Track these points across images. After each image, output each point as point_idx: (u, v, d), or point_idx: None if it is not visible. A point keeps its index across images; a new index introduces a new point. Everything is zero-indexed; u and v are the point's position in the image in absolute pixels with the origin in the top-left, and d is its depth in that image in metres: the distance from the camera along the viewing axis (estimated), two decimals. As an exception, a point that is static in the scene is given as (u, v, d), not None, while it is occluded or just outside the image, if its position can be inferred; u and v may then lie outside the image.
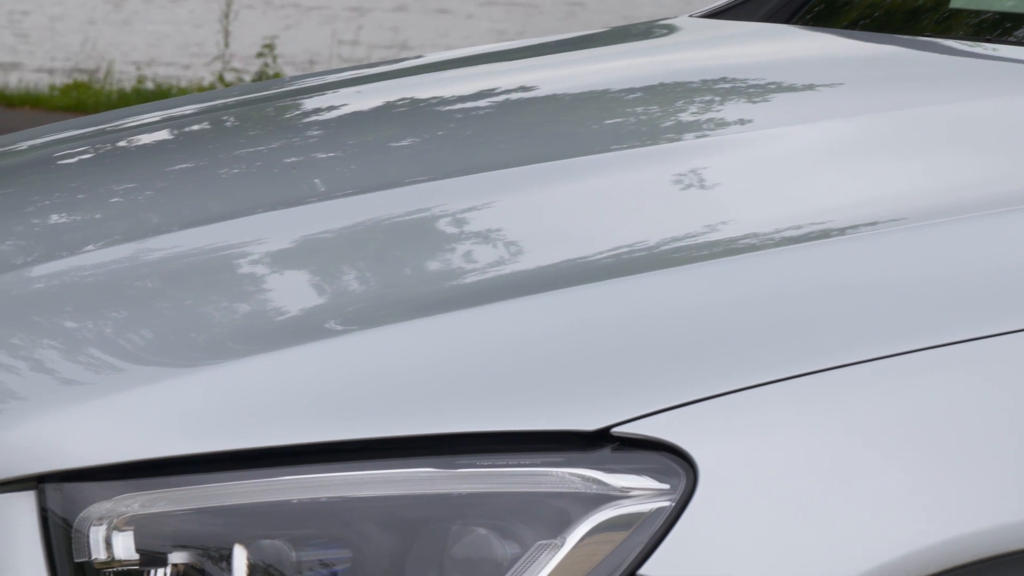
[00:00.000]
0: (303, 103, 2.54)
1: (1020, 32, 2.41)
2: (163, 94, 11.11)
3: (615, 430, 1.42)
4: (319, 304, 1.68)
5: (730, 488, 1.41)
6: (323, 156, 2.22)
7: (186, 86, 11.81)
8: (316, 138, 2.36)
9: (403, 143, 2.25)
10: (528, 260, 1.74)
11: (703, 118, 2.15)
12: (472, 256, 1.77)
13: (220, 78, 11.59)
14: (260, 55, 11.60)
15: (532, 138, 2.18)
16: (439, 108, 2.37)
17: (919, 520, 1.41)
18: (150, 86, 11.74)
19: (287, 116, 2.49)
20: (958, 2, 2.56)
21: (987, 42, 2.36)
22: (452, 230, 1.85)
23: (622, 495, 1.41)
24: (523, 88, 2.41)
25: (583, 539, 1.40)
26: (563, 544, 1.40)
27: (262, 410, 1.47)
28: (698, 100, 2.24)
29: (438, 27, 15.94)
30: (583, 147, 2.07)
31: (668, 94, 2.27)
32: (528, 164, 1.97)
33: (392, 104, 2.42)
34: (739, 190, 1.87)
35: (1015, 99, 2.02)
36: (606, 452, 1.42)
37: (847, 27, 2.53)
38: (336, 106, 2.50)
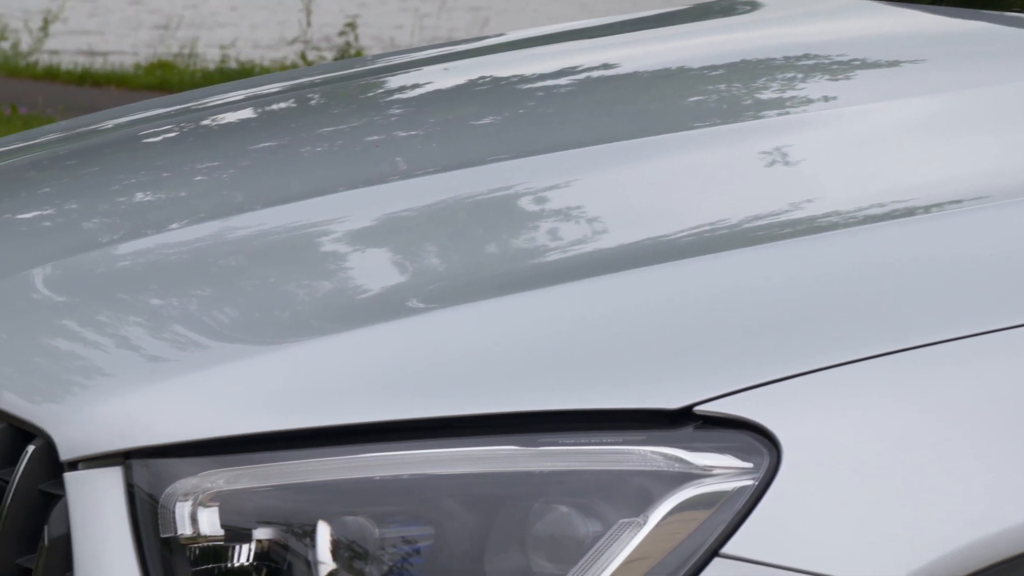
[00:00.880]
0: (385, 82, 2.55)
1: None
2: (246, 73, 11.17)
3: (698, 408, 1.42)
4: (401, 282, 1.68)
5: (813, 467, 1.40)
6: (405, 134, 2.23)
7: (269, 65, 11.87)
8: (398, 116, 2.36)
9: (485, 121, 2.25)
10: (610, 238, 1.73)
11: (786, 95, 2.14)
12: (554, 234, 1.77)
13: (302, 57, 11.64)
14: (342, 33, 11.64)
15: (614, 116, 2.18)
16: (521, 86, 2.37)
17: (1005, 500, 1.39)
18: (233, 65, 11.80)
19: (369, 95, 2.49)
20: (1046, -23, 2.53)
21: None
22: (534, 208, 1.85)
23: (705, 474, 1.41)
24: (605, 66, 2.40)
25: (666, 517, 1.40)
26: (645, 522, 1.40)
27: (345, 388, 1.48)
28: (781, 77, 2.22)
29: (519, 1, 15.93)
30: (665, 125, 2.06)
31: (751, 71, 2.26)
32: (610, 142, 1.96)
33: (474, 82, 2.42)
34: (822, 168, 1.85)
35: None
36: (689, 430, 1.42)
37: (933, 2, 2.50)
38: (418, 84, 2.51)
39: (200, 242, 1.82)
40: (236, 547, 1.44)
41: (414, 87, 2.50)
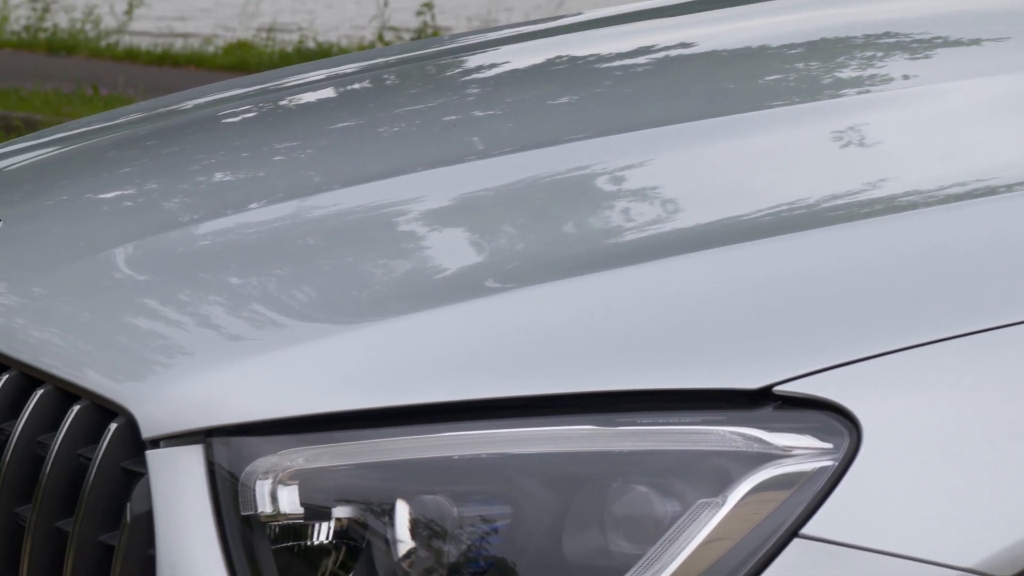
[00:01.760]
0: (462, 61, 2.55)
1: None
2: (324, 54, 11.21)
3: (777, 388, 1.41)
4: (478, 262, 1.68)
5: (894, 448, 1.39)
6: (482, 114, 2.23)
7: (346, 46, 11.91)
8: (475, 96, 2.37)
9: (562, 100, 2.24)
10: (687, 218, 1.73)
11: (865, 73, 2.12)
12: (631, 214, 1.76)
13: (380, 37, 11.66)
14: (419, 13, 11.65)
15: (691, 95, 2.17)
16: (598, 65, 2.37)
17: None
18: (311, 45, 11.85)
19: (446, 74, 2.50)
20: None
21: None
22: (610, 188, 1.84)
23: (784, 454, 1.40)
24: (682, 44, 2.39)
25: (744, 498, 1.39)
26: (724, 503, 1.39)
27: (423, 367, 1.48)
28: (860, 55, 2.21)
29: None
30: (742, 104, 2.05)
31: (829, 49, 2.24)
32: (687, 121, 1.96)
33: (551, 61, 2.42)
34: (902, 147, 1.84)
35: None
36: (768, 411, 1.41)
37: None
38: (495, 64, 2.51)
39: (279, 222, 1.83)
40: (315, 525, 1.45)
41: (491, 67, 2.50)
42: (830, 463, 1.39)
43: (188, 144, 2.22)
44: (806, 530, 1.38)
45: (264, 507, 1.45)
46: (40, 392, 1.60)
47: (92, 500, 1.51)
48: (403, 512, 1.43)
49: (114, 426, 1.52)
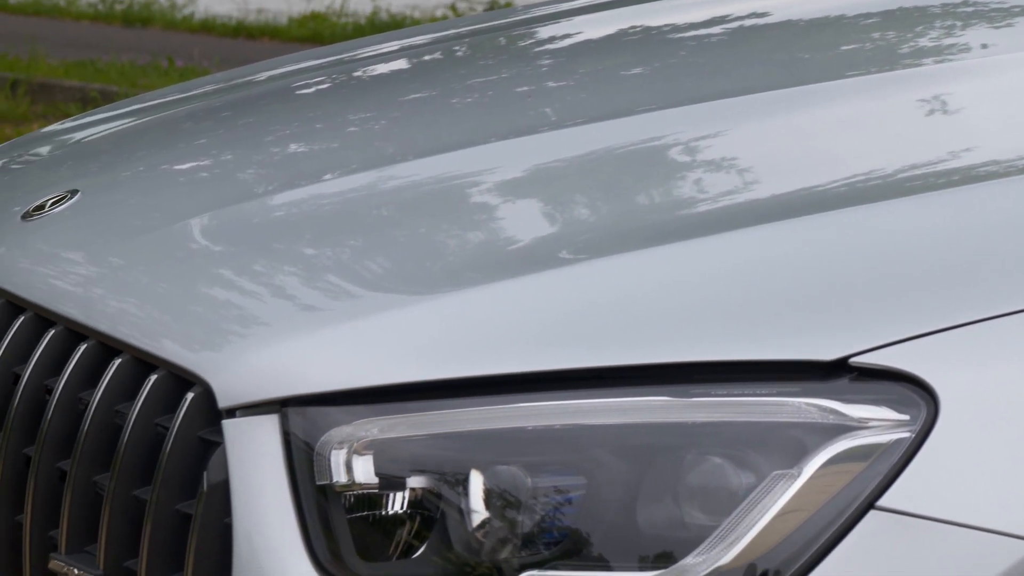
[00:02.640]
0: (535, 32, 2.55)
1: None
2: (397, 25, 11.21)
3: (853, 360, 1.41)
4: (551, 233, 1.68)
5: (971, 420, 1.38)
6: (555, 85, 2.23)
7: (419, 17, 11.91)
8: (548, 67, 2.36)
9: (635, 71, 2.24)
10: (762, 189, 1.72)
11: (943, 43, 2.10)
12: (704, 185, 1.76)
13: (452, 8, 11.66)
14: (491, -15, 11.63)
15: (765, 65, 2.15)
16: (671, 36, 2.35)
17: None
18: (384, 17, 11.86)
19: (519, 45, 2.49)
20: None
21: None
22: (684, 159, 1.84)
23: (860, 426, 1.39)
24: (756, 14, 2.38)
25: (820, 470, 1.39)
26: (799, 474, 1.39)
27: (497, 338, 1.48)
28: (938, 24, 2.19)
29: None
30: (818, 74, 2.04)
31: (906, 18, 2.22)
32: (761, 91, 1.94)
33: (624, 32, 2.41)
34: (980, 116, 1.82)
35: None
36: (844, 382, 1.41)
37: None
38: (567, 35, 2.50)
39: (353, 193, 1.83)
40: (390, 495, 1.45)
41: (564, 37, 2.50)
42: (907, 435, 1.38)
43: (263, 115, 2.23)
44: (882, 502, 1.37)
45: (339, 477, 1.46)
46: (118, 362, 1.62)
47: (169, 469, 1.52)
48: (477, 482, 1.44)
49: (191, 396, 1.53)
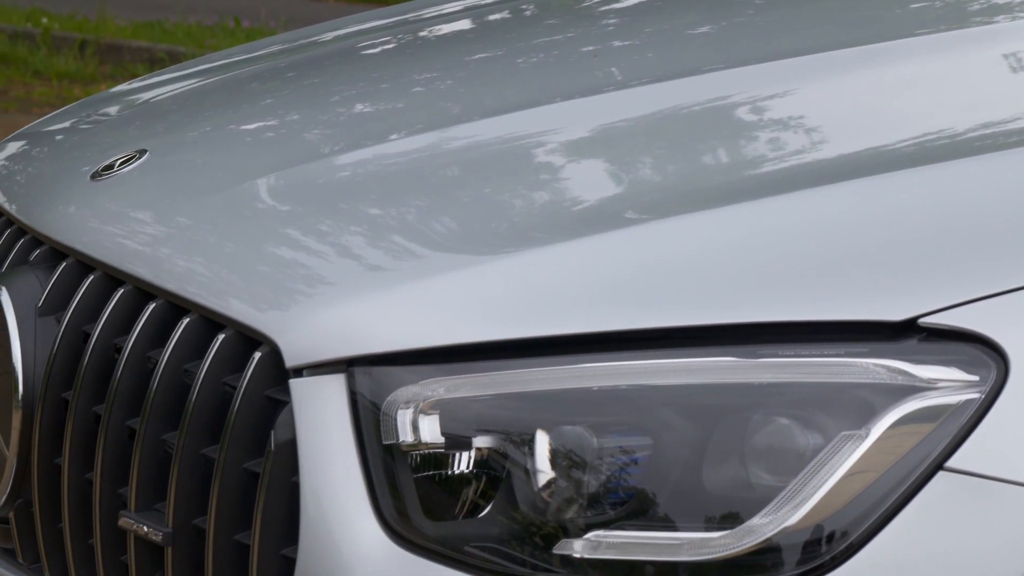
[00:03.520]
0: (601, -9, 2.54)
1: None
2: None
3: (922, 320, 1.40)
4: (617, 193, 1.68)
5: None
6: (621, 44, 2.22)
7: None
8: (614, 26, 2.35)
9: (701, 30, 2.22)
10: (829, 148, 1.71)
11: (1015, 0, 2.08)
12: (772, 144, 1.75)
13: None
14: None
15: (833, 23, 2.14)
16: (738, -6, 2.34)
17: None
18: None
19: (584, 4, 2.48)
20: None
21: None
22: (751, 118, 1.83)
23: (929, 386, 1.38)
24: (824, -28, 2.36)
25: (888, 430, 1.38)
26: (867, 435, 1.38)
27: (562, 298, 1.48)
28: (1009, -18, 2.16)
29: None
30: (887, 32, 2.02)
31: (977, -24, 2.20)
32: (829, 50, 1.93)
33: (691, -10, 2.39)
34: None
35: None
36: (913, 342, 1.40)
37: None
38: (634, -7, 2.49)
39: (418, 153, 1.83)
40: (456, 455, 1.46)
41: (630, -4, 2.48)
42: (976, 395, 1.37)
43: (328, 76, 2.23)
44: (951, 463, 1.37)
45: (405, 436, 1.46)
46: (186, 321, 1.63)
47: (237, 428, 1.53)
48: (543, 442, 1.44)
49: (258, 355, 1.54)
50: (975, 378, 1.38)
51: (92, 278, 1.75)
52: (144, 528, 1.59)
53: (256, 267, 1.64)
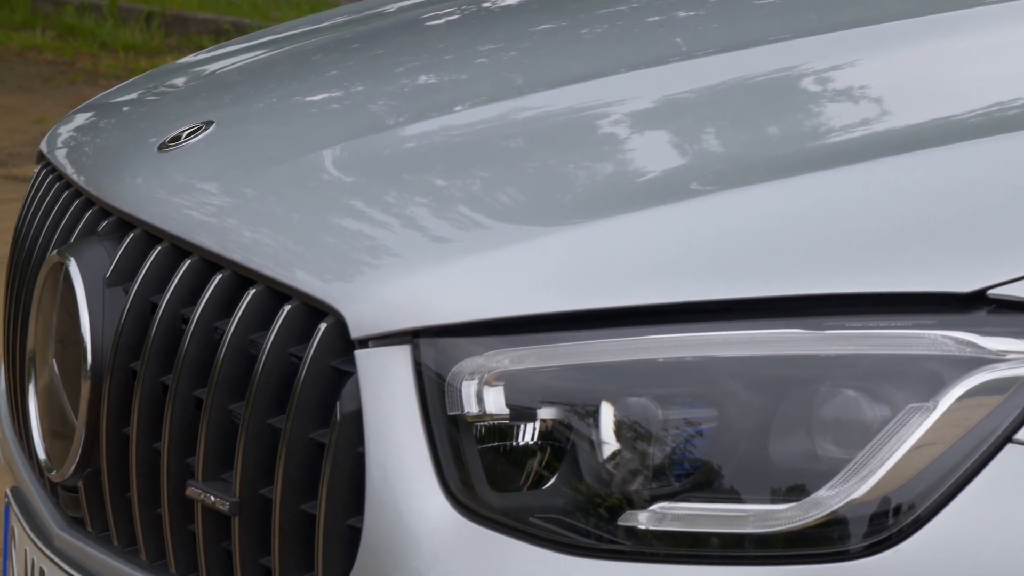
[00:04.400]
0: (665, -39, 2.52)
1: None
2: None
3: (991, 292, 1.39)
4: (682, 164, 1.67)
5: None
6: (685, 15, 2.21)
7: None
8: (678, -3, 2.34)
9: (768, 0, 2.21)
10: (895, 119, 1.70)
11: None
12: (837, 115, 1.74)
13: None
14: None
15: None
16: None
17: None
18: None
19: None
20: None
21: None
22: (816, 89, 1.82)
23: (998, 358, 1.38)
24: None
25: (956, 403, 1.37)
26: (935, 407, 1.38)
27: (627, 270, 1.48)
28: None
29: None
30: (952, 2, 2.00)
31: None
32: (895, 20, 1.92)
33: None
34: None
35: None
36: (981, 314, 1.39)
37: None
38: (698, -36, 2.48)
39: (483, 124, 1.83)
40: (521, 426, 1.46)
41: (695, -34, 2.47)
42: None
43: (392, 47, 2.23)
44: (1019, 436, 1.36)
45: (470, 407, 1.47)
46: (252, 292, 1.63)
47: (303, 399, 1.54)
48: (608, 414, 1.44)
49: (324, 326, 1.55)
50: None
51: (159, 249, 1.76)
52: (211, 498, 1.61)
53: (322, 238, 1.65)
